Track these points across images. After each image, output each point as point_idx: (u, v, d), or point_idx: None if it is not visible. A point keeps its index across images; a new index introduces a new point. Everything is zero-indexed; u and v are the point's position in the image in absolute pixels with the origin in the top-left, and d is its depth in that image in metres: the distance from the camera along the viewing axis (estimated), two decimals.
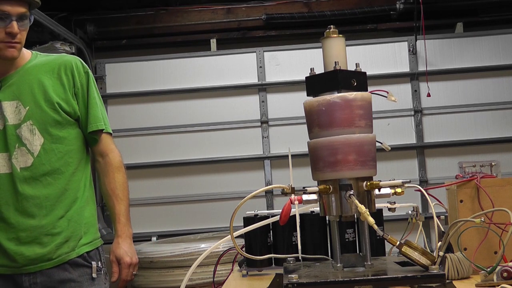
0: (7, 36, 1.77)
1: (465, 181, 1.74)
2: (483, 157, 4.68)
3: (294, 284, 1.23)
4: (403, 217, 1.99)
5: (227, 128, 4.99)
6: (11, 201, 1.84)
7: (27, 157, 1.85)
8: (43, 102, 1.86)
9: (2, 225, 1.85)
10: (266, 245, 1.94)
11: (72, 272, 1.87)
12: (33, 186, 1.84)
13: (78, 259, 1.89)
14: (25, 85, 1.88)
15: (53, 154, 1.87)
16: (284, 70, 4.98)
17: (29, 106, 1.86)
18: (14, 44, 1.80)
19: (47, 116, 1.86)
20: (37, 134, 1.85)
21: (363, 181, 1.34)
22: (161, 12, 5.23)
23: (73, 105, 1.91)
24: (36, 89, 1.87)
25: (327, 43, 1.40)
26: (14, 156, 1.84)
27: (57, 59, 1.95)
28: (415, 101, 4.92)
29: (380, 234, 1.30)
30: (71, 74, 1.91)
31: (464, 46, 4.97)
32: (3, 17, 1.75)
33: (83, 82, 1.94)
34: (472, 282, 1.53)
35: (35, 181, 1.85)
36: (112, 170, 1.97)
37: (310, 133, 1.40)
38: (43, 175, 1.85)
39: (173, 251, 4.00)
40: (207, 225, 4.82)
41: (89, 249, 1.92)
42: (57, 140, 1.88)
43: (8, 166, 1.84)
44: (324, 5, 5.18)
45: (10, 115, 1.85)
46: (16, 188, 1.83)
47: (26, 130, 1.85)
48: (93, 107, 1.95)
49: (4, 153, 1.85)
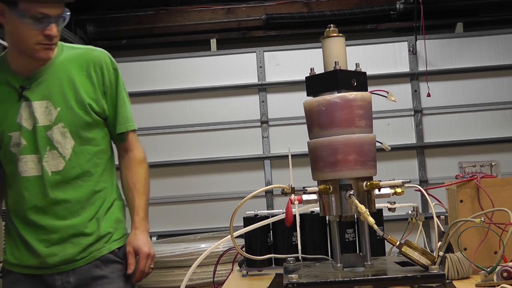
0: (44, 38, 1.73)
1: (465, 181, 1.74)
2: (483, 157, 4.67)
3: (294, 284, 1.23)
4: (403, 217, 1.99)
5: (227, 128, 4.99)
6: (40, 205, 1.79)
7: (58, 161, 1.80)
8: (74, 103, 1.81)
9: (31, 228, 1.81)
10: (266, 245, 1.94)
11: (104, 268, 1.84)
12: (64, 190, 1.80)
13: (110, 255, 1.86)
14: (55, 83, 1.81)
15: (82, 157, 1.83)
16: (284, 70, 4.98)
17: (60, 107, 1.80)
18: (52, 45, 1.76)
19: (79, 118, 1.81)
20: (69, 137, 1.80)
21: (363, 181, 1.34)
22: (161, 12, 5.23)
23: (103, 105, 1.86)
24: (66, 88, 1.81)
25: (327, 43, 1.40)
26: (45, 159, 1.79)
27: (85, 54, 1.88)
28: (415, 101, 4.92)
29: (380, 234, 1.30)
30: (100, 71, 1.86)
31: (464, 46, 4.97)
32: (42, 20, 1.70)
33: (112, 79, 1.89)
34: (472, 282, 1.53)
35: (66, 184, 1.80)
36: (135, 165, 1.93)
37: (310, 133, 1.40)
38: (74, 178, 1.81)
39: (173, 251, 3.99)
40: (207, 225, 4.82)
41: (120, 245, 1.89)
42: (86, 142, 1.84)
43: (38, 168, 1.79)
44: (324, 5, 5.17)
45: (40, 115, 1.79)
46: (46, 192, 1.79)
47: (57, 133, 1.79)
48: (122, 106, 1.91)
49: (34, 155, 1.80)
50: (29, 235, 1.81)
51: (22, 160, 1.80)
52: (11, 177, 1.84)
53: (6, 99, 1.82)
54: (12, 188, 1.84)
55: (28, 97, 1.80)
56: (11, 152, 1.81)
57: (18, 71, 1.82)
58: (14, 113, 1.80)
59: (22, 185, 1.80)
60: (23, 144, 1.79)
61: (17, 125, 1.80)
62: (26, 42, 1.73)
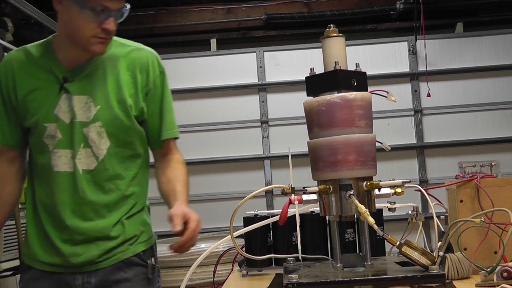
0: (101, 32, 1.64)
1: (465, 181, 1.74)
2: (483, 157, 4.68)
3: (294, 284, 1.23)
4: (403, 217, 1.99)
5: (227, 128, 4.99)
6: (68, 202, 1.71)
7: (91, 160, 1.71)
8: (115, 103, 1.72)
9: (57, 225, 1.73)
10: (266, 245, 1.94)
11: (127, 271, 1.76)
12: (93, 191, 1.72)
13: (134, 258, 1.77)
14: (100, 79, 1.73)
15: (116, 159, 1.74)
16: (284, 70, 4.98)
17: (101, 105, 1.71)
18: (107, 40, 1.68)
19: (117, 119, 1.72)
20: (105, 137, 1.72)
21: (363, 181, 1.34)
22: (161, 12, 5.23)
23: (143, 107, 1.77)
24: (110, 86, 1.73)
25: (327, 43, 1.40)
26: (78, 156, 1.71)
27: (133, 52, 1.79)
28: (415, 101, 4.92)
29: (380, 234, 1.30)
30: (145, 73, 1.77)
31: (464, 46, 4.97)
32: (101, 12, 1.62)
33: (158, 82, 1.79)
34: (472, 282, 1.53)
35: (96, 185, 1.72)
36: (175, 163, 1.84)
37: (310, 133, 1.40)
38: (104, 180, 1.73)
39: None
40: (207, 225, 4.82)
41: (145, 248, 1.81)
42: (122, 144, 1.75)
43: (70, 165, 1.71)
44: (324, 5, 5.18)
45: (79, 110, 1.70)
46: (76, 190, 1.71)
47: (93, 132, 1.71)
48: (168, 112, 1.82)
49: (68, 150, 1.71)
50: (53, 232, 1.73)
51: (56, 153, 1.72)
52: (42, 169, 1.75)
53: (46, 88, 1.73)
54: (42, 180, 1.76)
55: (69, 90, 1.71)
56: (43, 143, 1.73)
57: (64, 61, 1.74)
58: (52, 104, 1.72)
59: (53, 180, 1.72)
60: (59, 138, 1.71)
61: (54, 117, 1.71)
62: (82, 33, 1.65)
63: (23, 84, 1.74)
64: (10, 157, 1.81)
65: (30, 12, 3.76)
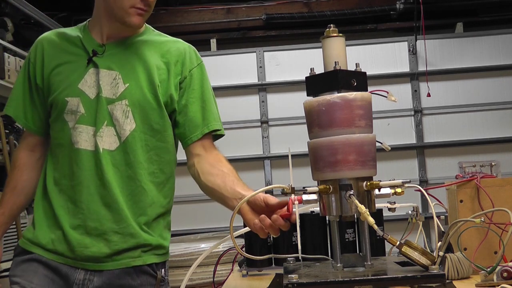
0: (140, 2, 1.58)
1: (465, 181, 1.74)
2: (483, 157, 4.68)
3: (294, 284, 1.23)
4: (403, 217, 1.99)
5: (227, 128, 4.92)
6: (87, 183, 1.59)
7: (113, 139, 1.60)
8: (145, 83, 1.63)
9: (71, 209, 1.61)
10: (266, 245, 1.94)
11: (135, 278, 1.63)
12: (114, 174, 1.60)
13: (145, 267, 1.65)
14: (129, 59, 1.65)
15: (139, 145, 1.62)
16: (284, 70, 4.98)
17: (130, 83, 1.61)
18: (145, 12, 1.61)
19: (146, 100, 1.62)
20: (130, 117, 1.61)
21: (363, 181, 1.34)
22: (161, 12, 5.23)
23: (173, 95, 1.65)
24: (141, 66, 1.64)
25: (327, 43, 1.40)
26: (100, 133, 1.60)
27: (169, 42, 1.73)
28: (415, 101, 4.92)
29: (380, 234, 1.30)
30: (181, 62, 1.69)
31: (464, 46, 4.97)
32: None
33: (195, 73, 1.70)
34: (472, 282, 1.53)
35: (115, 168, 1.60)
36: (224, 159, 1.68)
37: (310, 133, 1.40)
38: (124, 164, 1.61)
39: (173, 251, 3.99)
40: (207, 225, 4.82)
41: (158, 261, 1.68)
42: (148, 130, 1.64)
43: (91, 142, 1.60)
44: (324, 5, 5.18)
45: (105, 86, 1.61)
46: (97, 171, 1.59)
47: (119, 110, 1.60)
48: (212, 104, 1.72)
49: (90, 126, 1.60)
50: (64, 217, 1.61)
51: (76, 129, 1.61)
52: (59, 148, 1.65)
53: (74, 62, 1.66)
54: (60, 161, 1.64)
55: (98, 64, 1.63)
56: (63, 120, 1.63)
57: (97, 37, 1.67)
58: (77, 78, 1.63)
59: (73, 158, 1.61)
60: (81, 113, 1.61)
61: (78, 91, 1.62)
62: (120, 3, 1.58)
63: (51, 60, 1.68)
64: (32, 144, 1.75)
65: (30, 12, 3.76)
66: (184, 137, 1.72)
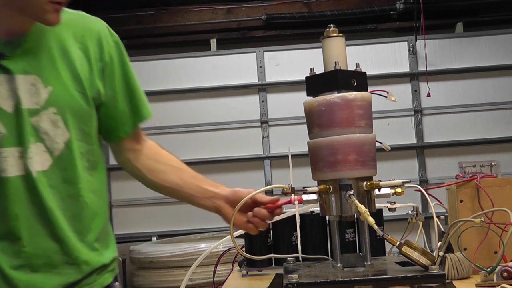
0: None
1: (465, 181, 1.74)
2: (483, 157, 4.68)
3: (294, 284, 1.23)
4: (403, 217, 1.99)
5: (227, 128, 4.99)
6: (24, 215, 1.31)
7: (44, 157, 1.31)
8: (70, 82, 1.34)
9: (8, 248, 1.32)
10: (266, 245, 1.94)
11: None
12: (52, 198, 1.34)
13: None
14: (45, 53, 1.33)
15: (77, 156, 1.37)
16: (284, 70, 4.98)
17: (52, 86, 1.32)
18: (61, 8, 1.31)
19: (76, 103, 1.34)
20: (61, 127, 1.33)
21: (363, 181, 1.34)
22: (161, 12, 5.23)
23: (98, 88, 1.39)
24: (59, 61, 1.34)
25: (327, 43, 1.40)
26: (29, 154, 1.30)
27: (80, 20, 1.45)
28: (415, 101, 4.92)
29: (380, 234, 1.30)
30: (98, 44, 1.42)
31: (464, 46, 4.97)
32: None
33: (114, 55, 1.45)
34: (472, 282, 1.53)
35: (54, 190, 1.33)
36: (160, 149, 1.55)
37: (310, 133, 1.40)
38: (63, 182, 1.35)
39: (173, 251, 4.00)
40: (207, 225, 4.82)
41: (112, 278, 1.47)
42: (82, 136, 1.38)
43: (20, 167, 1.30)
44: (324, 5, 5.18)
45: (24, 94, 1.29)
46: (32, 199, 1.32)
47: (46, 121, 1.31)
48: (138, 88, 1.51)
49: (15, 147, 1.29)
50: (2, 257, 1.32)
51: (0, 155, 1.29)
52: None
53: None
54: None
55: (9, 68, 1.29)
56: None
57: None
58: None
59: (2, 190, 1.31)
60: (1, 133, 1.29)
61: None
62: None
63: None
64: None
65: None
66: (112, 131, 1.49)
